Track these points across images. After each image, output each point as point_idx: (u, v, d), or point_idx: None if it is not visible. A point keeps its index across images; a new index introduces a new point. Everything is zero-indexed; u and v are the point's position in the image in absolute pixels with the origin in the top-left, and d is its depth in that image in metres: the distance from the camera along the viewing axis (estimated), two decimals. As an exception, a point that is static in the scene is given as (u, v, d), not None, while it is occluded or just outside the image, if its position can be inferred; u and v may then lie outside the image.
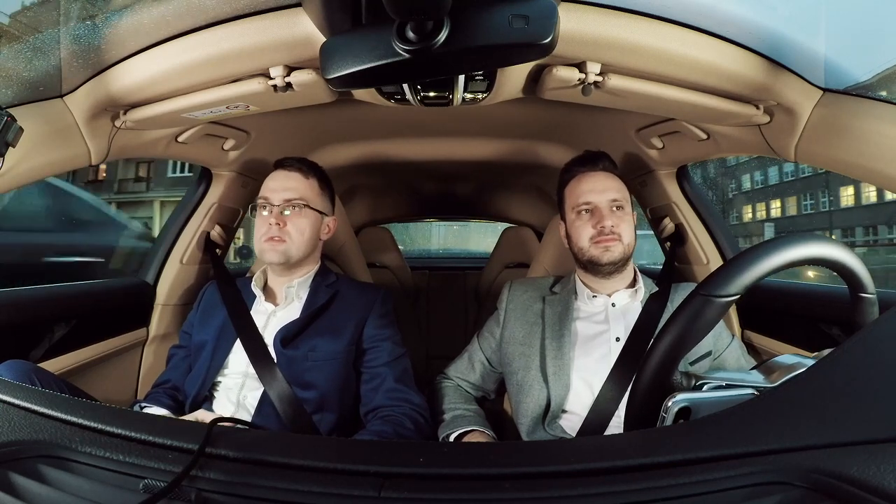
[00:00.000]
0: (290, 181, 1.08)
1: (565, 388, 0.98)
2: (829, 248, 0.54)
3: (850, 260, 0.56)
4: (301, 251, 1.06)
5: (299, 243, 1.05)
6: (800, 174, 18.82)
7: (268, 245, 1.03)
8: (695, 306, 0.53)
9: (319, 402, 0.99)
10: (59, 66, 0.85)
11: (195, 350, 1.07)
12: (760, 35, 0.79)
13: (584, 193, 1.05)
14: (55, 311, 1.13)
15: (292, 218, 1.05)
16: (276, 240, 1.03)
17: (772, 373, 0.53)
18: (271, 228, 1.03)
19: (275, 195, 1.06)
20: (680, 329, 0.53)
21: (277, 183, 1.07)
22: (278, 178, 1.08)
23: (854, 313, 0.58)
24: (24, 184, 0.90)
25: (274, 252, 1.03)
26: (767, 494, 0.36)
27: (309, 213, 1.07)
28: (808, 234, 0.57)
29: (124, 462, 0.44)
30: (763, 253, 0.52)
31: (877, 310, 0.58)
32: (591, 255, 1.03)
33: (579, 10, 0.71)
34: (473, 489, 0.40)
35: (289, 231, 1.04)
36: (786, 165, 18.79)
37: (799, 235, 0.54)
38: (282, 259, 1.04)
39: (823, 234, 0.73)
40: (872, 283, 0.58)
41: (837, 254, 0.55)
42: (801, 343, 1.09)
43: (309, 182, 1.10)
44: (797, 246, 0.53)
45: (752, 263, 0.52)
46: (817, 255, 0.53)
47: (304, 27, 0.71)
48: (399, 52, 0.51)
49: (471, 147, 1.54)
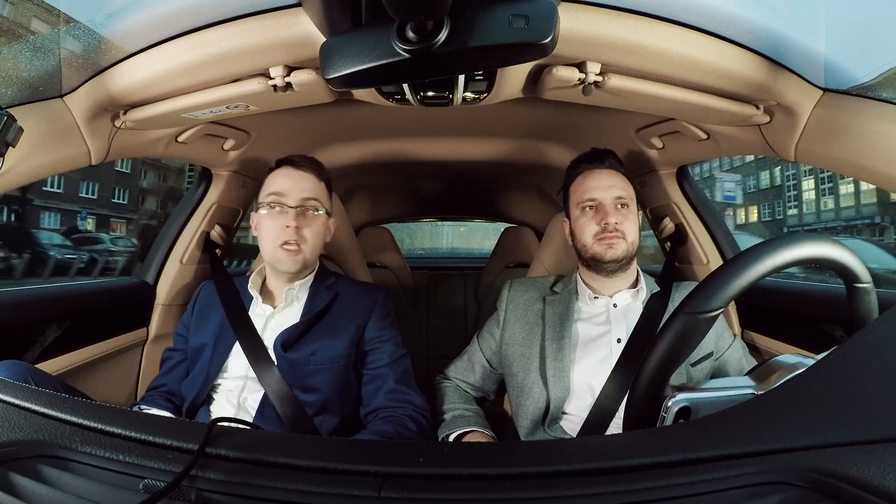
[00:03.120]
0: (305, 182, 1.03)
1: (565, 391, 0.98)
2: (814, 246, 0.53)
3: (838, 253, 0.54)
4: (314, 256, 1.04)
5: (314, 247, 1.02)
6: (760, 187, 22.75)
7: (285, 254, 0.98)
8: (679, 325, 0.52)
9: (321, 404, 0.98)
10: (59, 66, 0.85)
11: (193, 353, 1.05)
12: (760, 35, 0.79)
13: (589, 190, 1.05)
14: (55, 311, 1.13)
15: (309, 221, 1.01)
16: (293, 246, 0.98)
17: (771, 373, 0.53)
18: (287, 231, 0.98)
19: (291, 196, 1.00)
20: (667, 348, 0.52)
21: (292, 183, 1.02)
22: (292, 177, 1.03)
23: (851, 304, 0.58)
24: (24, 184, 0.90)
25: (291, 261, 0.99)
26: (767, 494, 0.36)
27: (323, 216, 1.05)
28: (790, 235, 0.54)
29: (124, 462, 0.44)
30: (745, 263, 0.51)
31: (874, 298, 0.57)
32: (594, 252, 1.02)
33: (579, 10, 0.71)
34: (473, 489, 0.40)
35: (305, 235, 1.00)
36: (747, 181, 22.92)
37: (779, 238, 0.53)
38: (298, 267, 1.01)
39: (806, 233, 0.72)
40: (866, 272, 0.56)
41: (824, 250, 0.53)
42: (803, 343, 1.09)
43: (321, 183, 1.06)
44: (782, 250, 0.52)
45: (733, 276, 0.51)
46: (805, 255, 0.52)
47: (304, 27, 0.71)
48: (399, 52, 0.51)
49: (471, 147, 1.54)
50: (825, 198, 19.34)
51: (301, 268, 1.02)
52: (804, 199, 20.31)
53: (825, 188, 19.39)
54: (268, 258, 1.03)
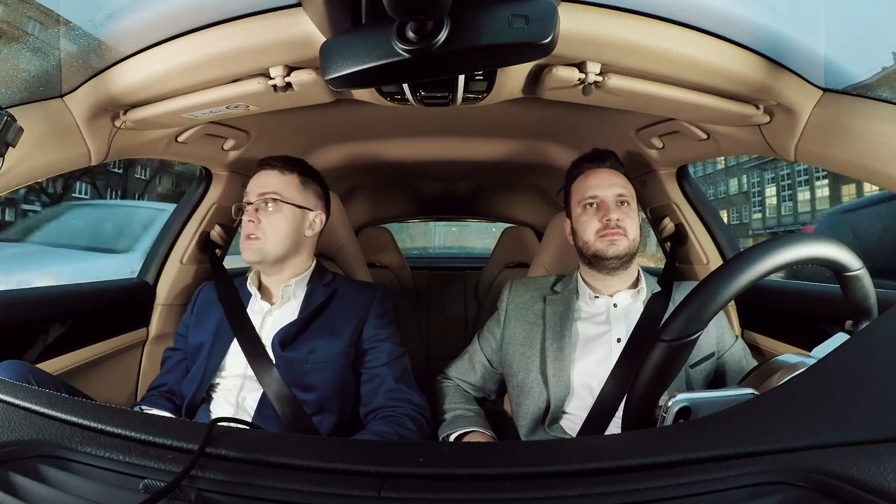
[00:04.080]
0: (265, 178, 1.08)
1: (565, 391, 0.98)
2: (794, 249, 0.52)
3: (820, 249, 0.53)
4: (278, 248, 1.04)
5: (274, 240, 1.03)
6: (730, 193, 25.39)
7: (245, 244, 1.04)
8: (659, 353, 0.52)
9: (320, 403, 0.98)
10: (59, 66, 0.85)
11: (192, 352, 1.06)
12: (760, 35, 0.79)
13: (591, 188, 1.05)
14: (55, 311, 1.13)
15: (267, 214, 1.04)
16: (251, 238, 1.03)
17: (771, 373, 0.53)
18: (247, 226, 1.03)
19: (251, 193, 1.06)
20: (651, 375, 0.52)
21: (254, 181, 1.08)
22: (256, 177, 1.09)
23: (845, 294, 0.57)
24: (24, 184, 0.90)
25: (249, 251, 1.03)
26: (767, 494, 0.36)
27: (284, 207, 1.05)
28: (772, 241, 0.52)
29: (124, 462, 0.44)
30: (723, 280, 0.50)
31: (867, 282, 0.56)
32: (596, 249, 1.02)
33: (579, 10, 0.71)
34: (473, 489, 0.40)
35: (263, 227, 1.03)
36: (718, 187, 25.23)
37: (761, 245, 0.51)
38: (257, 257, 1.03)
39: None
40: (855, 260, 0.55)
41: (806, 251, 0.52)
42: (803, 343, 1.09)
43: (286, 177, 1.08)
44: (762, 259, 0.50)
45: (711, 298, 0.50)
46: (785, 260, 0.51)
47: (304, 27, 0.71)
48: (399, 52, 0.51)
49: (471, 147, 1.54)
50: (786, 203, 21.25)
51: (261, 258, 1.04)
52: (767, 205, 22.27)
53: (785, 195, 21.34)
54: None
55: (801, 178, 19.94)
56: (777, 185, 21.19)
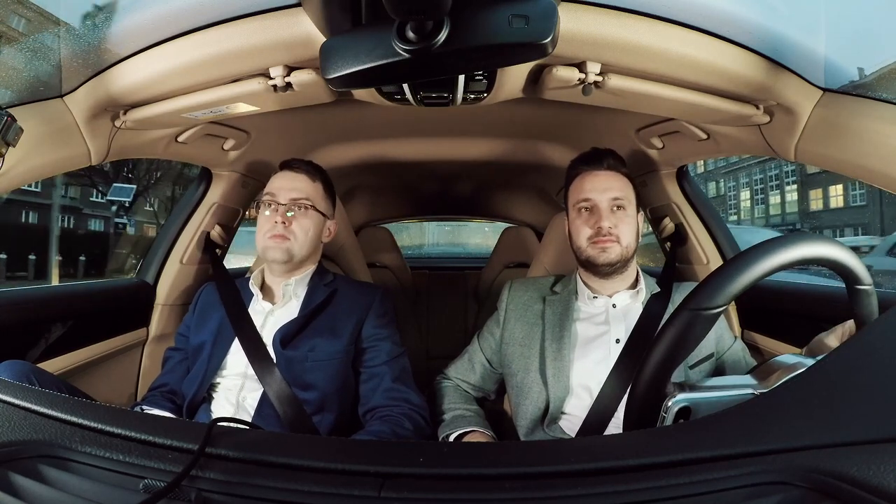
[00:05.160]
0: (297, 182, 1.09)
1: (565, 391, 0.98)
2: (818, 246, 0.53)
3: (841, 255, 0.54)
4: (304, 251, 1.06)
5: (303, 242, 1.06)
6: (717, 194, 25.69)
7: (272, 242, 1.04)
8: (682, 321, 0.52)
9: (320, 402, 0.98)
10: (59, 66, 0.85)
11: (193, 352, 1.07)
12: (760, 35, 0.79)
13: (585, 191, 1.04)
14: (55, 311, 1.13)
15: (297, 218, 1.06)
16: (280, 237, 1.03)
17: (771, 373, 0.53)
18: (276, 226, 1.04)
19: (281, 194, 1.07)
20: (669, 344, 0.52)
21: (284, 182, 1.09)
22: (285, 178, 1.10)
23: (853, 307, 0.58)
24: (24, 184, 0.90)
25: (278, 249, 1.03)
26: (767, 494, 0.36)
27: (313, 214, 1.08)
28: (795, 234, 0.55)
29: (124, 462, 0.44)
30: (748, 262, 0.51)
31: (874, 300, 0.57)
32: (588, 255, 1.02)
33: (579, 9, 0.71)
34: (473, 489, 0.40)
35: (293, 230, 1.05)
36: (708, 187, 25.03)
37: (784, 237, 0.53)
38: (285, 257, 1.04)
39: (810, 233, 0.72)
40: (867, 275, 0.56)
41: (827, 251, 0.53)
42: (803, 343, 1.09)
43: (315, 184, 1.11)
44: (784, 249, 0.51)
45: (736, 274, 0.51)
46: (806, 255, 0.52)
47: (304, 27, 0.71)
48: (399, 52, 0.51)
49: (471, 147, 1.54)
50: (758, 206, 22.13)
51: (289, 257, 1.05)
52: (742, 208, 23.09)
53: (758, 198, 22.07)
54: (260, 250, 1.08)
55: (772, 183, 20.48)
56: (751, 189, 21.82)
